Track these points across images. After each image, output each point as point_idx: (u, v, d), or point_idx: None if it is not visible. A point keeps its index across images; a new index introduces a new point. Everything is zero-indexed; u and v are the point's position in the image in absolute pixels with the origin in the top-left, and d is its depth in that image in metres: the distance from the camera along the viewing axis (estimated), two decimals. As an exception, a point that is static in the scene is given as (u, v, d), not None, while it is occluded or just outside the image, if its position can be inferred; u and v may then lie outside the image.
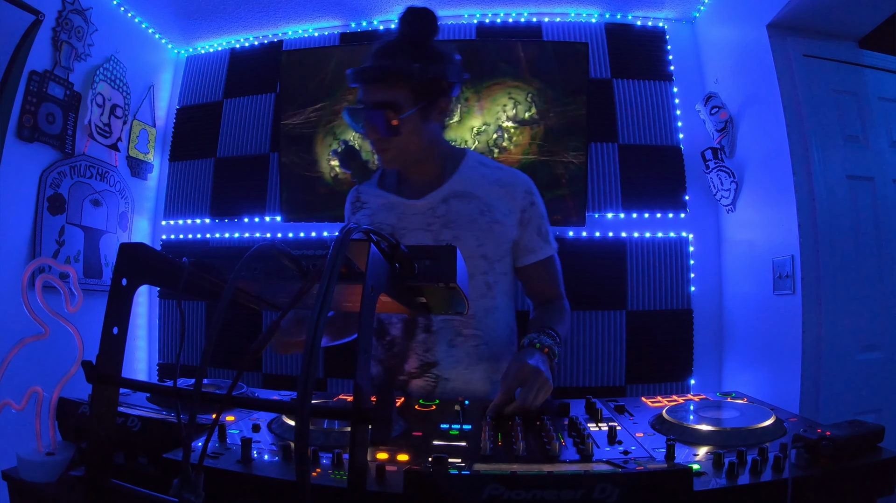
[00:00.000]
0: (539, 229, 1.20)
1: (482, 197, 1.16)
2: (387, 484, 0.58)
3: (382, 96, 1.04)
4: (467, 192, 1.16)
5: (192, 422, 0.42)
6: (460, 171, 1.18)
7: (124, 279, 0.50)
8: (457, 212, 1.14)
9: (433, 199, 1.15)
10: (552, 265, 1.22)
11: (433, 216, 1.14)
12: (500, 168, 1.23)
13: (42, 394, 0.80)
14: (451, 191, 1.16)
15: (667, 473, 0.55)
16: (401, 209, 1.16)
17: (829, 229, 1.84)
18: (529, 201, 1.19)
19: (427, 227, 1.14)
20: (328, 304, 0.39)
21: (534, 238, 1.19)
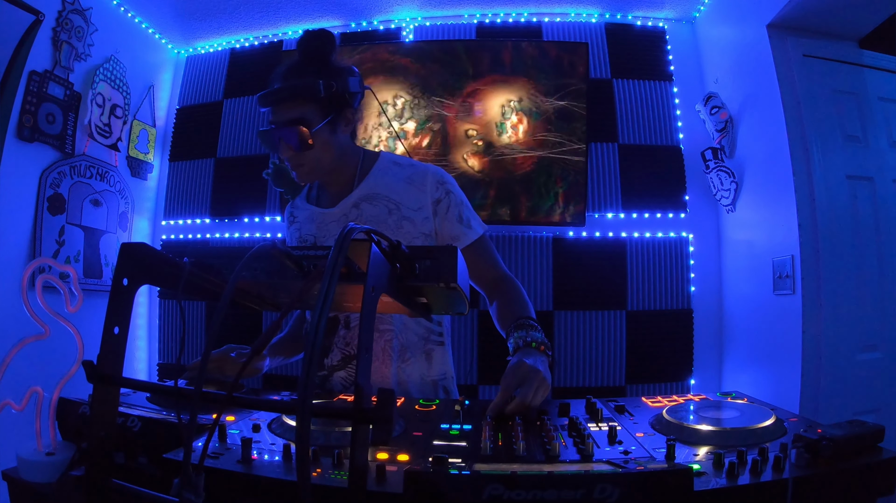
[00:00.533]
0: (459, 216, 1.22)
1: (390, 196, 1.20)
2: (387, 484, 0.58)
3: (292, 114, 1.10)
4: (376, 194, 1.21)
5: (192, 422, 0.42)
6: (371, 175, 1.23)
7: (125, 279, 0.50)
8: (366, 214, 1.19)
9: (345, 205, 1.21)
10: (482, 247, 1.24)
11: (345, 221, 1.19)
12: (412, 165, 1.26)
13: (42, 394, 0.80)
14: (361, 195, 1.21)
15: (667, 473, 0.55)
16: (319, 219, 1.23)
17: (829, 229, 1.84)
18: (444, 191, 1.21)
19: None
20: (329, 304, 0.39)
21: (455, 225, 1.21)
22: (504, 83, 2.37)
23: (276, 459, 0.65)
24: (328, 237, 1.20)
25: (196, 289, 0.56)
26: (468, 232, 1.22)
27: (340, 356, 1.21)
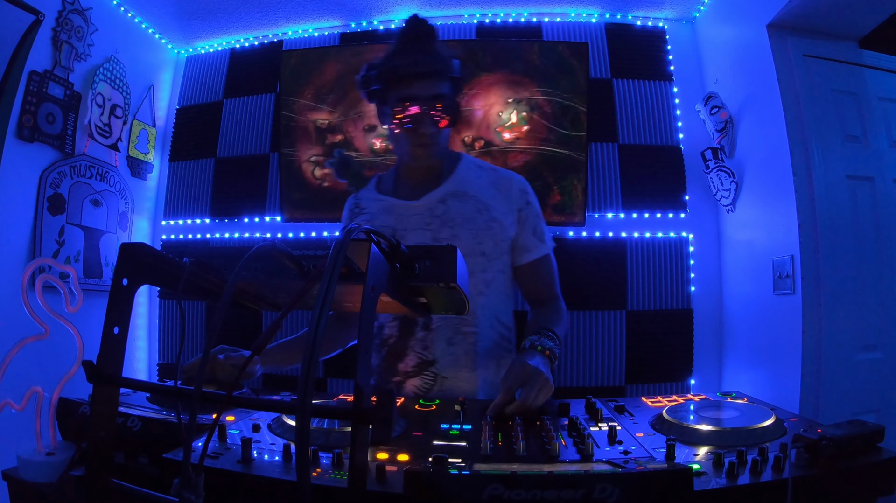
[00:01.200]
0: (535, 228, 1.22)
1: (479, 197, 1.18)
2: (387, 484, 0.58)
3: (437, 89, 1.08)
4: (464, 193, 1.18)
5: (192, 422, 0.42)
6: (457, 172, 1.21)
7: (125, 279, 0.50)
8: (455, 211, 1.16)
9: (430, 199, 1.17)
10: (548, 264, 1.24)
11: (431, 215, 1.16)
12: (494, 170, 1.26)
13: (42, 394, 0.80)
14: (448, 191, 1.18)
15: (667, 473, 0.55)
16: (399, 211, 1.18)
17: (829, 229, 1.84)
18: (525, 200, 1.22)
19: (426, 226, 1.15)
20: (329, 304, 0.39)
21: (529, 237, 1.21)
22: (504, 83, 2.37)
23: (276, 459, 0.65)
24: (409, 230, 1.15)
25: (196, 289, 0.56)
26: (540, 246, 1.22)
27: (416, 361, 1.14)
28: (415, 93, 1.07)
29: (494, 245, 1.17)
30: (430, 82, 1.08)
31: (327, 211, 2.46)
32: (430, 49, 1.10)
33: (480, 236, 1.15)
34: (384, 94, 1.12)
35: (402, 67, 1.07)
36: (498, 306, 1.20)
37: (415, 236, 1.14)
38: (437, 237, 1.14)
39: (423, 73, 1.07)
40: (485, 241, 1.16)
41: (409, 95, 1.07)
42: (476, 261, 1.15)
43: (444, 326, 1.13)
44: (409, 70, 1.07)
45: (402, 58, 1.09)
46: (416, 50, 1.09)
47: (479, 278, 1.15)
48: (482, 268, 1.16)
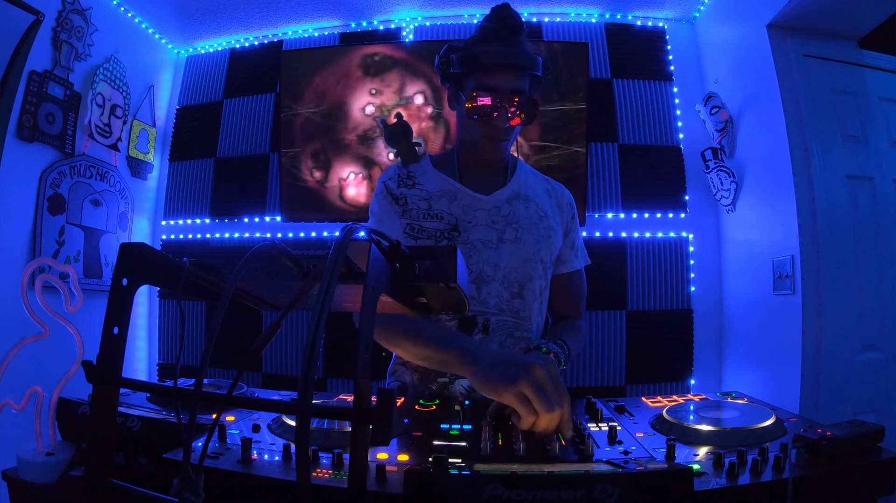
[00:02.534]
0: (574, 243, 1.24)
1: (538, 203, 1.18)
2: (387, 484, 0.58)
3: (523, 84, 1.07)
4: (527, 196, 1.18)
5: (192, 422, 0.42)
6: (518, 174, 1.20)
7: (124, 279, 0.50)
8: (520, 213, 1.15)
9: (499, 197, 1.15)
10: (579, 279, 1.25)
11: (498, 214, 1.14)
12: (546, 179, 1.27)
13: (42, 394, 0.80)
14: (514, 192, 1.17)
15: (667, 473, 0.55)
16: (466, 201, 1.14)
17: (829, 229, 1.84)
18: (572, 214, 1.24)
19: (492, 224, 1.13)
20: (329, 304, 0.39)
21: (568, 250, 1.23)
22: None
23: (276, 459, 0.65)
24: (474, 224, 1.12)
25: (196, 289, 0.56)
26: (574, 261, 1.23)
27: None
28: (495, 84, 1.05)
29: (550, 253, 1.17)
30: (512, 76, 1.05)
31: (327, 211, 2.46)
32: (517, 42, 1.06)
33: (541, 243, 1.15)
34: (462, 80, 1.10)
35: (486, 56, 1.04)
36: (544, 314, 1.22)
37: (479, 232, 1.12)
38: (502, 237, 1.13)
39: (507, 65, 1.05)
40: (543, 248, 1.16)
41: (488, 85, 1.05)
42: (535, 268, 1.15)
43: (498, 329, 1.12)
44: (493, 60, 1.04)
45: (488, 46, 1.05)
46: (502, 40, 1.06)
47: (536, 284, 1.16)
48: (540, 275, 1.16)
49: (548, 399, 0.72)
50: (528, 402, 0.73)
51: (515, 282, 1.13)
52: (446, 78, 1.13)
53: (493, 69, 1.05)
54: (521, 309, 1.14)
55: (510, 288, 1.13)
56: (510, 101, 1.05)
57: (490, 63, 1.05)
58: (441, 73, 1.12)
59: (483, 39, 1.08)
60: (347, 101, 2.45)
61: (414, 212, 1.12)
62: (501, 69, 1.05)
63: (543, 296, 1.20)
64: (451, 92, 1.15)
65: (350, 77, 2.45)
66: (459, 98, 1.11)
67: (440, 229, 1.10)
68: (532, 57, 1.07)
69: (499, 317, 1.12)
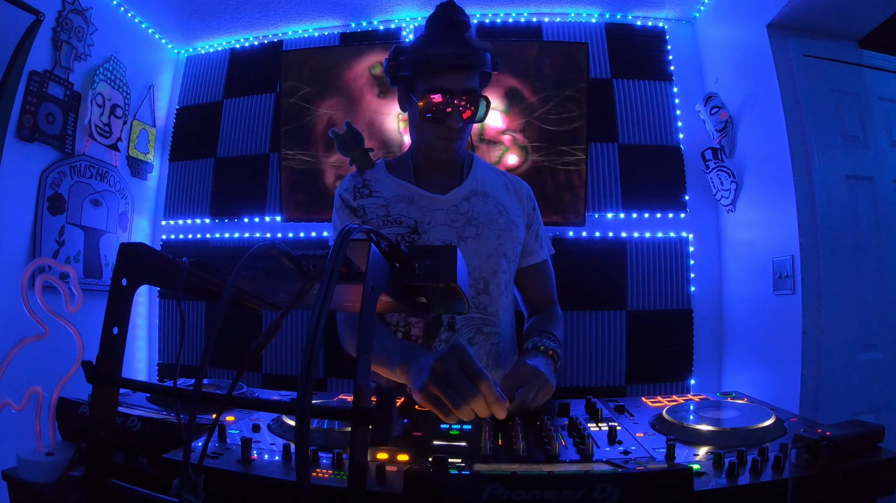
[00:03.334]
0: (537, 234, 1.24)
1: (497, 198, 1.18)
2: (387, 484, 0.58)
3: (470, 83, 1.06)
4: (485, 192, 1.18)
5: (192, 422, 0.42)
6: (474, 170, 1.20)
7: (124, 279, 0.50)
8: (478, 210, 1.15)
9: (457, 195, 1.15)
10: (547, 270, 1.25)
11: (457, 213, 1.14)
12: (503, 174, 1.27)
13: (42, 394, 0.80)
14: (471, 189, 1.17)
15: (667, 473, 0.55)
16: (423, 202, 1.14)
17: (829, 229, 1.84)
18: (532, 206, 1.24)
19: (451, 223, 1.13)
20: (328, 304, 0.39)
21: (532, 241, 1.23)
22: (503, 83, 2.37)
23: (276, 459, 0.65)
24: (433, 225, 1.12)
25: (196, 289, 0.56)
26: (540, 252, 1.24)
27: None
28: (445, 85, 1.05)
29: (513, 247, 1.18)
30: (461, 76, 1.05)
31: (327, 211, 2.46)
32: (464, 40, 1.06)
33: (502, 237, 1.15)
34: (412, 82, 1.10)
35: (434, 58, 1.04)
36: (510, 308, 1.22)
37: (439, 232, 1.12)
38: (463, 235, 1.13)
39: (456, 66, 1.05)
40: (506, 242, 1.16)
41: (438, 87, 1.05)
42: (499, 262, 1.14)
43: (466, 327, 1.13)
44: (441, 62, 1.04)
45: (435, 47, 1.05)
46: (449, 40, 1.06)
47: (501, 279, 1.16)
48: (504, 270, 1.16)
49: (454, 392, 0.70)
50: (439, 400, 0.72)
51: (480, 278, 1.13)
52: (396, 80, 1.13)
53: (443, 70, 1.05)
54: (489, 304, 1.14)
55: (475, 285, 1.12)
56: (461, 101, 1.05)
57: (439, 65, 1.05)
58: (390, 75, 1.12)
59: (431, 40, 1.07)
60: (347, 100, 2.45)
61: (373, 220, 1.13)
62: (451, 70, 1.05)
63: (510, 290, 1.19)
64: (402, 94, 1.15)
65: (350, 76, 2.45)
66: (411, 100, 1.11)
67: (400, 233, 1.10)
68: (480, 54, 1.06)
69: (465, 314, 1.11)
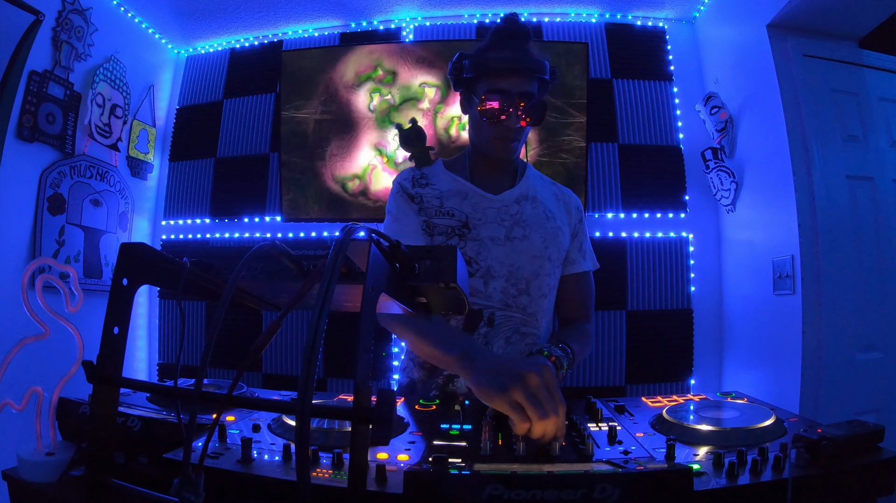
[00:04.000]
0: (581, 245, 1.28)
1: (546, 204, 1.23)
2: (387, 484, 0.58)
3: (529, 87, 1.12)
4: (535, 198, 1.23)
5: (192, 422, 0.42)
6: (527, 176, 1.26)
7: (125, 279, 0.50)
8: (528, 213, 1.20)
9: (508, 197, 1.20)
10: (587, 282, 1.29)
11: (507, 213, 1.19)
12: (554, 183, 1.33)
13: (42, 394, 0.80)
14: (522, 193, 1.22)
15: (667, 473, 0.55)
16: (476, 199, 1.19)
17: (829, 229, 1.84)
18: (579, 218, 1.29)
19: (500, 222, 1.18)
20: (328, 304, 0.39)
21: (576, 252, 1.27)
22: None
23: (276, 459, 0.65)
24: (483, 222, 1.16)
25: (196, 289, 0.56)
26: (582, 262, 1.27)
27: None
28: (505, 87, 1.10)
29: (558, 251, 1.22)
30: (520, 79, 1.11)
31: (327, 211, 2.46)
32: (525, 48, 1.13)
33: (548, 241, 1.19)
34: (473, 84, 1.16)
35: (496, 61, 1.11)
36: (551, 312, 1.25)
37: (488, 229, 1.16)
38: (510, 234, 1.17)
39: (516, 69, 1.10)
40: (551, 246, 1.20)
41: (499, 88, 1.10)
42: (543, 265, 1.19)
43: (505, 325, 1.16)
44: (502, 64, 1.10)
45: (498, 51, 1.12)
46: (511, 46, 1.12)
47: (545, 282, 1.19)
48: (548, 273, 1.20)
49: (541, 406, 0.71)
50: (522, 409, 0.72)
51: (522, 278, 1.17)
52: (459, 83, 1.19)
53: (503, 73, 1.11)
54: (528, 305, 1.17)
55: (517, 284, 1.16)
56: (519, 103, 1.11)
57: (500, 67, 1.11)
58: (454, 78, 1.19)
59: (493, 46, 1.14)
60: (347, 100, 2.45)
61: (428, 209, 1.17)
62: (510, 73, 1.11)
63: (552, 295, 1.23)
64: (464, 96, 1.21)
65: (350, 77, 2.45)
66: (472, 101, 1.17)
67: (451, 226, 1.15)
68: (540, 62, 1.13)
69: (504, 312, 1.15)
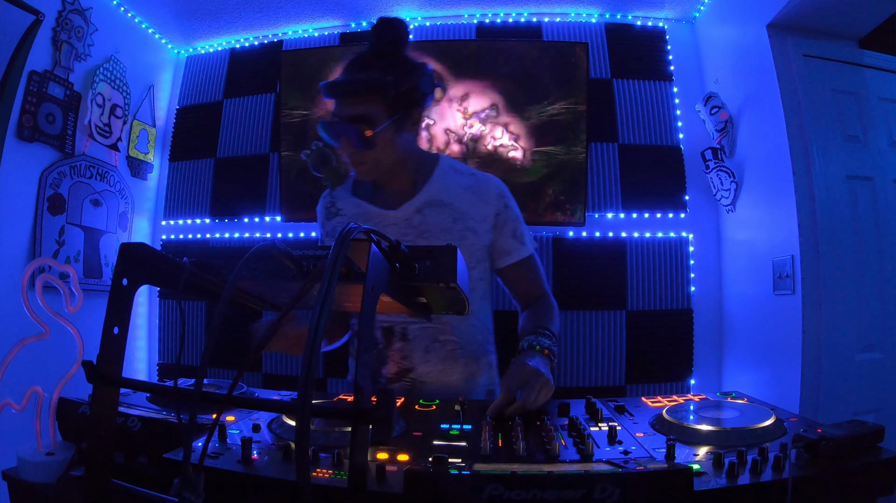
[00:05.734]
0: (514, 231, 1.20)
1: (455, 204, 1.16)
2: (387, 484, 0.58)
3: (357, 110, 1.04)
4: (440, 201, 1.16)
5: (192, 422, 0.42)
6: (433, 179, 1.18)
7: (124, 279, 0.50)
8: (431, 221, 1.14)
9: (408, 209, 1.15)
10: (531, 265, 1.23)
11: (408, 226, 1.15)
12: (472, 174, 1.23)
13: (42, 394, 0.80)
14: (425, 200, 1.16)
15: (667, 473, 0.55)
16: (376, 219, 1.16)
17: (829, 229, 1.84)
18: (503, 204, 1.20)
19: (403, 237, 1.14)
20: (329, 304, 0.39)
21: (509, 240, 1.19)
22: (504, 83, 2.37)
23: (277, 459, 0.65)
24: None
25: (196, 289, 0.56)
26: (520, 248, 1.20)
27: (397, 369, 1.17)
28: (339, 111, 1.06)
29: (469, 255, 1.16)
30: (351, 102, 1.05)
31: (327, 211, 2.46)
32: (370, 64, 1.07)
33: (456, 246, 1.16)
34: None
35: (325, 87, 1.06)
36: (475, 313, 1.21)
37: None
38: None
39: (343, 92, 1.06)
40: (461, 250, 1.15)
41: (335, 113, 1.07)
42: None
43: (421, 336, 1.15)
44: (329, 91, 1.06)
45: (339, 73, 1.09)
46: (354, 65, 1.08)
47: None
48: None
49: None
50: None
51: None
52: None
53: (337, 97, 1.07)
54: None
55: None
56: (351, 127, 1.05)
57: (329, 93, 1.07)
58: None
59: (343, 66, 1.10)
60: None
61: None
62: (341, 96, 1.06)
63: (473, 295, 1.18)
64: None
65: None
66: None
67: None
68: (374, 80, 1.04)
69: (416, 325, 1.14)
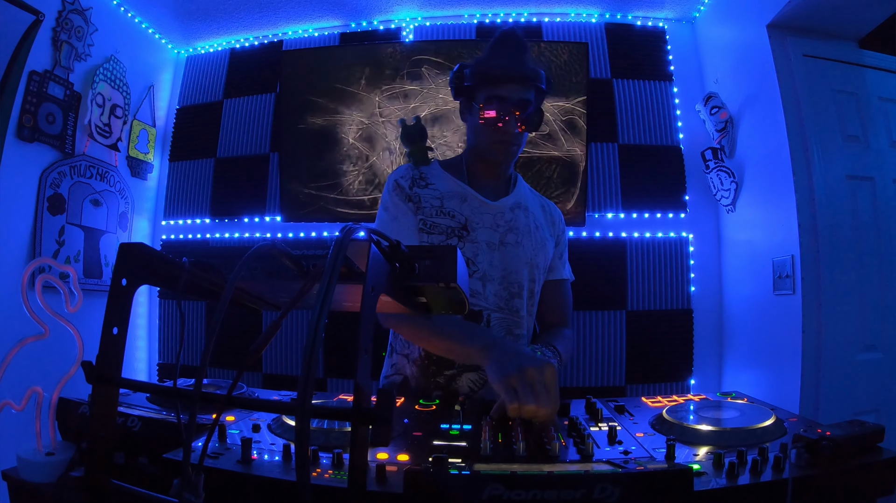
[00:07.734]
0: (562, 254, 1.34)
1: (535, 214, 1.28)
2: (387, 484, 0.58)
3: (528, 94, 1.16)
4: (526, 207, 1.27)
5: (192, 422, 0.42)
6: (519, 185, 1.30)
7: (124, 279, 0.50)
8: (520, 221, 1.24)
9: (504, 204, 1.24)
10: (566, 289, 1.34)
11: (502, 219, 1.23)
12: (540, 195, 1.38)
13: (42, 394, 0.80)
14: (516, 201, 1.26)
15: (667, 473, 0.55)
16: (475, 203, 1.22)
17: (829, 229, 1.84)
18: (562, 229, 1.35)
19: (495, 228, 1.22)
20: (328, 304, 0.39)
21: (557, 260, 1.32)
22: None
23: (276, 459, 0.65)
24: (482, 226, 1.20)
25: (196, 289, 0.56)
26: (562, 270, 1.34)
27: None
28: (503, 94, 1.15)
29: (543, 260, 1.27)
30: (518, 87, 1.15)
31: (327, 211, 2.46)
32: (522, 58, 1.18)
33: (537, 249, 1.25)
34: (473, 92, 1.20)
35: (495, 69, 1.15)
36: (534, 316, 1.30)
37: (485, 233, 1.21)
38: (504, 240, 1.21)
39: (514, 76, 1.15)
40: (539, 254, 1.25)
41: (497, 95, 1.15)
42: (532, 271, 1.24)
43: (499, 326, 1.20)
44: (501, 72, 1.15)
45: (497, 60, 1.17)
46: (509, 56, 1.17)
47: (533, 287, 1.25)
48: (533, 278, 1.25)
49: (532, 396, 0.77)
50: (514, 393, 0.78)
51: (515, 282, 1.21)
52: (459, 92, 1.23)
53: (501, 81, 1.15)
54: (520, 308, 1.21)
55: (509, 288, 1.20)
56: (515, 111, 1.15)
57: (498, 75, 1.15)
58: (454, 87, 1.23)
59: (492, 55, 1.18)
60: (347, 100, 2.45)
61: (427, 209, 1.20)
62: (508, 81, 1.15)
63: (534, 300, 1.28)
64: (464, 104, 1.25)
65: (350, 77, 2.45)
66: (472, 108, 1.21)
67: (451, 226, 1.19)
68: (536, 71, 1.17)
69: (498, 314, 1.19)
